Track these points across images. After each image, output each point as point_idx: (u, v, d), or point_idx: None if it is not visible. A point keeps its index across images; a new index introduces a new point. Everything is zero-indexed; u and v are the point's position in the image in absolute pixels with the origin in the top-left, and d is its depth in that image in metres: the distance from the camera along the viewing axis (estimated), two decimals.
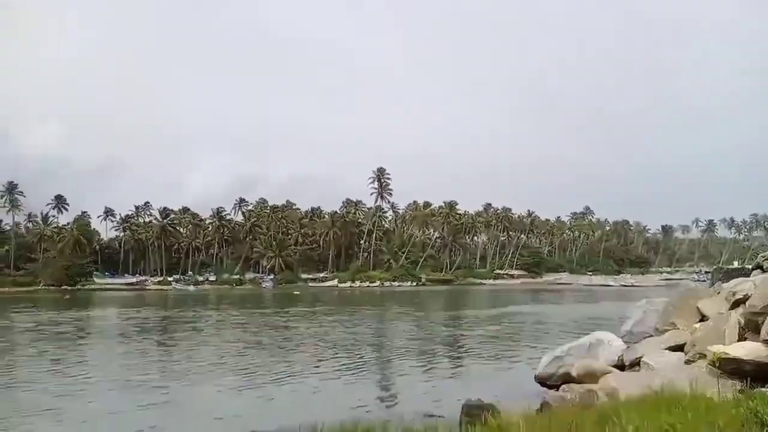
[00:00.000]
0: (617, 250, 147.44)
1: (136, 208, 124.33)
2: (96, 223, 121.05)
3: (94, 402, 15.07)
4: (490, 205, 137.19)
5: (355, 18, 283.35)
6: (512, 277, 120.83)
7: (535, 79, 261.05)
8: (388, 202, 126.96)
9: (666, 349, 13.94)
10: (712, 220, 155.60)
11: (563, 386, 13.85)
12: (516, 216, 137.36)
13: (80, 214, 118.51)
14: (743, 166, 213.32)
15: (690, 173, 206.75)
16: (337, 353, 23.87)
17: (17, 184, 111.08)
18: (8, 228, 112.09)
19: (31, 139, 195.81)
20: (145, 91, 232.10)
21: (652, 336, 15.83)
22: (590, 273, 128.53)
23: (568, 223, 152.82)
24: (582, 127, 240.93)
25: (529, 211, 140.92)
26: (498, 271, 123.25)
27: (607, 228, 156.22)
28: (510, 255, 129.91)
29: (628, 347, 15.53)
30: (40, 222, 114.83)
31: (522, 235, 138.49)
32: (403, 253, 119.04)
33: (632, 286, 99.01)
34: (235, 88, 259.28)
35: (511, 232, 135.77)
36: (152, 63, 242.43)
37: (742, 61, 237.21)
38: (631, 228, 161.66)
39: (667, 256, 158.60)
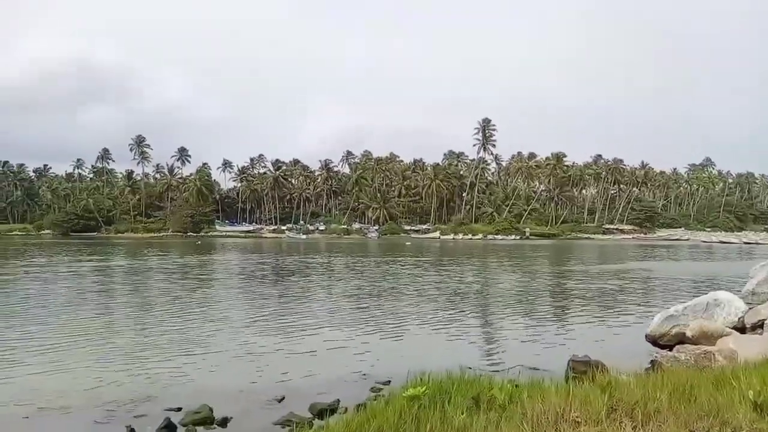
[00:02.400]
0: (740, 205, 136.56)
1: (251, 159, 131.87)
2: (215, 174, 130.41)
3: (243, 342, 16.86)
4: (600, 156, 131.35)
5: None
6: (622, 231, 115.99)
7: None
8: (492, 153, 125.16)
9: None
10: None
11: (677, 347, 13.78)
12: (628, 168, 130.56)
13: (201, 165, 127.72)
14: None
15: None
16: (444, 303, 24.76)
17: (145, 138, 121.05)
18: (139, 178, 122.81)
19: (156, 95, 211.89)
20: (260, 46, 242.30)
21: None
22: (708, 229, 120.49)
23: (686, 175, 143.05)
24: (705, 70, 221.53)
25: (642, 162, 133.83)
26: (607, 226, 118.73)
27: (730, 181, 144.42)
28: (620, 209, 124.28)
29: (751, 308, 15.03)
30: (167, 173, 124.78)
31: (634, 188, 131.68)
32: (507, 206, 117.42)
33: (756, 243, 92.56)
34: (344, 42, 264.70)
35: (622, 185, 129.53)
36: (267, 20, 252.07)
37: None
38: (756, 181, 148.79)
39: None
